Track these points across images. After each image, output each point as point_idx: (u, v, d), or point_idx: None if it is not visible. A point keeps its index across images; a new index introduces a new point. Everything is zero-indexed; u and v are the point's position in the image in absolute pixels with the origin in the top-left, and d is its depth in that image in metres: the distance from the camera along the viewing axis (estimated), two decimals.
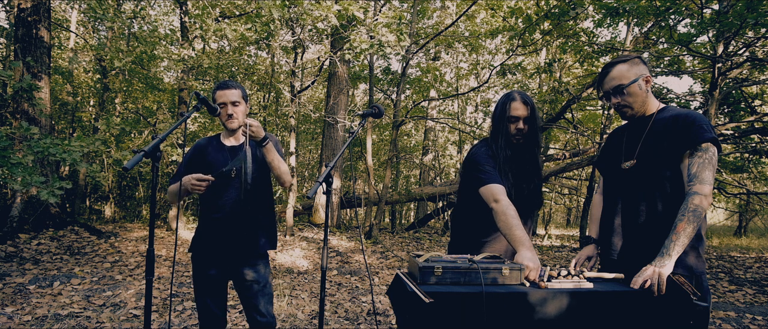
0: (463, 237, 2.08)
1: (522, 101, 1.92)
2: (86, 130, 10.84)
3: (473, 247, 2.01)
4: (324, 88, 14.44)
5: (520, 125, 1.92)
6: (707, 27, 5.22)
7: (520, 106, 1.91)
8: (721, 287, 5.33)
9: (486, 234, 2.01)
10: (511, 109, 1.92)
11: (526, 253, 1.64)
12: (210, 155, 2.11)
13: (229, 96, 2.04)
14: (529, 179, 2.00)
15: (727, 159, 8.20)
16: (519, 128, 1.92)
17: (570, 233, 13.65)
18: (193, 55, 6.97)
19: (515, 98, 1.92)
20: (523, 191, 1.97)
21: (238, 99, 2.06)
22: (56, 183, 3.93)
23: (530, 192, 2.00)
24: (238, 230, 2.06)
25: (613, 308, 1.50)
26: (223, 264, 2.09)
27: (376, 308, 4.01)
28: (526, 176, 1.99)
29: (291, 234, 7.71)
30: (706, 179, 1.54)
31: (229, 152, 2.11)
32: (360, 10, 5.99)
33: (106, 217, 9.91)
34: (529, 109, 1.92)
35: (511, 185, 1.92)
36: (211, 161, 2.09)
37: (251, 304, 2.10)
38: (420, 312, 1.37)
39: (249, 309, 2.11)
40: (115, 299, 3.86)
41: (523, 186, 1.98)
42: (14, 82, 4.96)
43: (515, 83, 11.38)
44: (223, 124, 2.11)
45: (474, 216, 2.00)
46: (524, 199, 1.97)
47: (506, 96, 1.96)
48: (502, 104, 1.96)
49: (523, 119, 1.91)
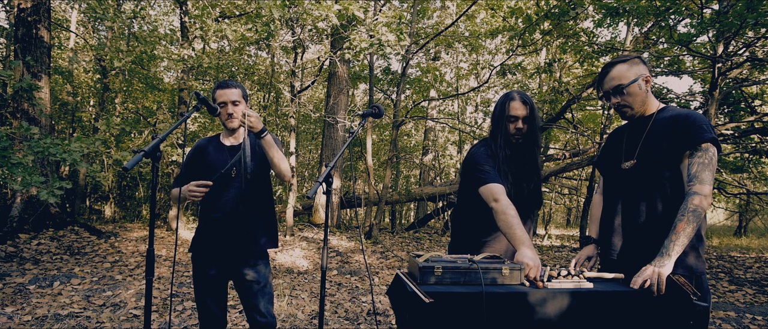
0: (464, 237, 2.08)
1: (521, 100, 1.92)
2: (86, 130, 10.84)
3: (474, 247, 2.01)
4: (324, 88, 14.44)
5: (519, 125, 1.92)
6: (707, 27, 5.22)
7: (519, 105, 1.91)
8: (721, 287, 5.33)
9: (486, 234, 2.01)
10: (510, 108, 1.92)
11: (526, 252, 1.64)
12: (210, 155, 2.12)
13: (229, 95, 2.04)
14: (529, 178, 2.00)
15: (727, 159, 8.20)
16: (518, 127, 1.92)
17: (570, 233, 13.65)
18: (193, 55, 6.97)
19: (514, 97, 1.93)
20: (522, 190, 1.97)
21: (238, 98, 2.06)
22: (56, 183, 3.93)
23: (530, 192, 2.00)
24: (239, 229, 2.06)
25: (613, 308, 1.50)
26: (224, 263, 2.09)
27: (376, 308, 4.01)
28: (526, 175, 1.99)
29: (291, 234, 7.71)
30: (706, 180, 1.54)
31: (229, 151, 2.11)
32: (360, 9, 5.99)
33: (106, 217, 9.91)
34: (529, 108, 1.92)
35: (511, 185, 1.92)
36: (212, 162, 2.09)
37: (251, 304, 2.09)
38: (420, 312, 1.37)
39: (249, 309, 2.11)
40: (115, 299, 3.86)
41: (523, 186, 1.98)
42: (14, 82, 4.97)
43: (515, 82, 11.38)
44: (223, 123, 2.11)
45: (474, 216, 2.00)
46: (524, 199, 1.97)
47: (505, 96, 1.97)
48: (501, 103, 1.96)
49: (522, 118, 1.91)
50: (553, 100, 8.74)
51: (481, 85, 10.28)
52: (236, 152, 2.11)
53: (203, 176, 2.07)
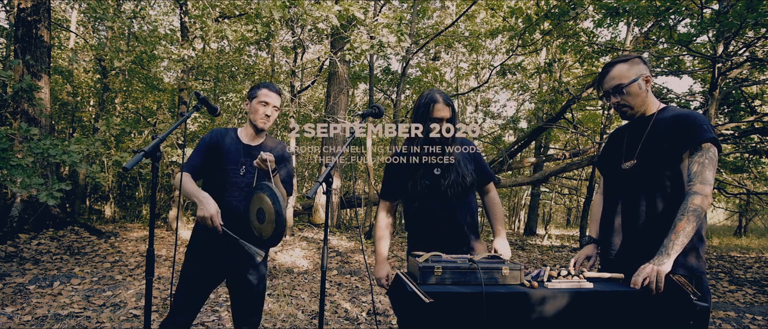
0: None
1: (444, 102, 1.96)
2: (86, 130, 10.84)
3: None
4: (324, 88, 14.43)
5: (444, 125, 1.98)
6: (707, 27, 5.22)
7: (442, 107, 1.95)
8: (721, 287, 5.33)
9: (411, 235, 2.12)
10: (434, 110, 1.95)
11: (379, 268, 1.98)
12: (225, 147, 2.08)
13: (273, 99, 2.07)
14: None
15: (727, 159, 8.20)
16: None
17: (570, 233, 13.65)
18: (193, 55, 6.97)
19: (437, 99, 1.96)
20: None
21: (278, 106, 2.09)
22: (56, 185, 3.93)
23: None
24: (242, 230, 2.03)
25: (613, 308, 1.50)
26: (223, 265, 2.06)
27: (376, 308, 4.01)
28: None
29: (291, 234, 7.71)
30: (707, 180, 1.54)
31: (244, 150, 2.09)
32: (360, 10, 5.99)
33: (106, 217, 9.91)
34: (451, 110, 1.97)
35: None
36: (225, 155, 2.06)
37: (245, 305, 2.07)
38: (420, 312, 1.37)
39: (240, 309, 2.08)
40: (115, 299, 3.86)
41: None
42: (14, 82, 4.97)
43: (515, 82, 11.38)
44: (253, 122, 2.08)
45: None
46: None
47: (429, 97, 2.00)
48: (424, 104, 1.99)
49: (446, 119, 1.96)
50: (553, 100, 8.75)
51: (481, 85, 10.29)
52: (250, 151, 2.09)
53: (215, 168, 2.05)
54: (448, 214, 1.98)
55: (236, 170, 2.05)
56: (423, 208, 1.99)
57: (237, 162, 2.05)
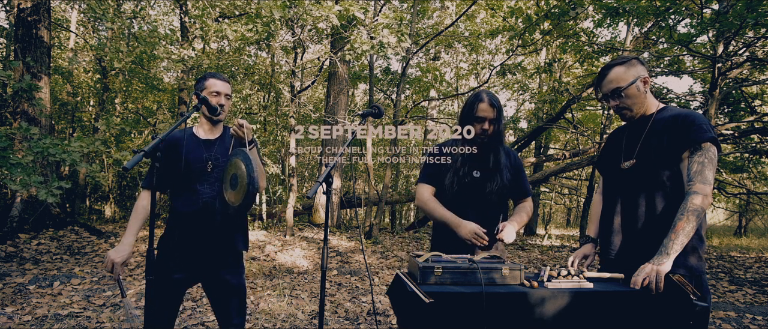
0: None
1: (489, 102, 1.99)
2: (86, 130, 10.84)
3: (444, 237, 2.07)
4: (324, 88, 14.43)
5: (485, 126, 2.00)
6: (707, 27, 5.22)
7: (486, 107, 1.98)
8: (721, 287, 5.33)
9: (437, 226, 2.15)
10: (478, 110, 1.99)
11: (463, 223, 1.92)
12: (185, 148, 1.98)
13: (223, 88, 1.99)
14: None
15: (727, 159, 8.20)
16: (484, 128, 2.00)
17: (570, 233, 13.65)
18: (193, 56, 6.98)
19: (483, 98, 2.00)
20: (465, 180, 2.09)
21: (230, 93, 2.01)
22: (55, 183, 3.93)
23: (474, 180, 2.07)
24: (214, 227, 1.95)
25: (613, 308, 1.50)
26: (195, 266, 1.97)
27: (376, 308, 4.01)
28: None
29: (291, 234, 7.71)
30: (706, 179, 1.54)
31: (204, 146, 2.02)
32: (360, 10, 5.99)
33: (106, 217, 9.91)
34: (496, 110, 1.99)
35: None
36: (187, 156, 1.96)
37: (226, 308, 2.00)
38: (420, 312, 1.37)
39: (223, 313, 2.02)
40: (115, 299, 3.86)
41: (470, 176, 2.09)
42: (14, 82, 4.96)
43: (515, 82, 11.38)
44: (208, 115, 1.99)
45: None
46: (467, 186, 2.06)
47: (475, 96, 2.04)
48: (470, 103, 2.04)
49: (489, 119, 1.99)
50: (553, 100, 8.75)
51: (481, 85, 10.29)
52: (210, 146, 2.02)
53: (179, 172, 1.96)
54: (481, 218, 1.98)
55: (203, 167, 1.98)
56: (456, 208, 2.00)
57: (201, 159, 1.98)
